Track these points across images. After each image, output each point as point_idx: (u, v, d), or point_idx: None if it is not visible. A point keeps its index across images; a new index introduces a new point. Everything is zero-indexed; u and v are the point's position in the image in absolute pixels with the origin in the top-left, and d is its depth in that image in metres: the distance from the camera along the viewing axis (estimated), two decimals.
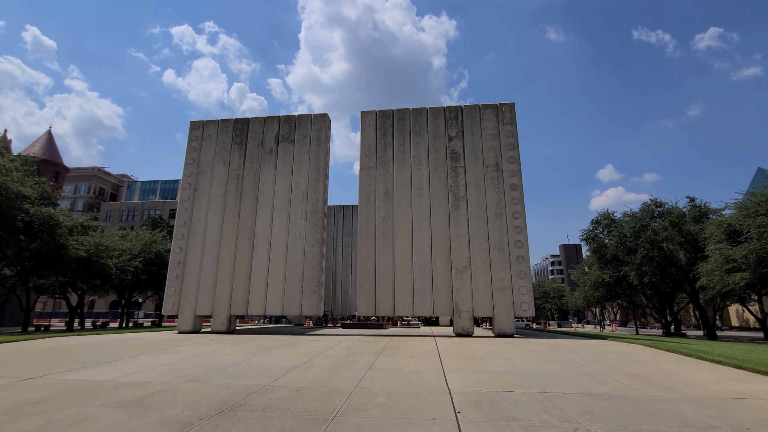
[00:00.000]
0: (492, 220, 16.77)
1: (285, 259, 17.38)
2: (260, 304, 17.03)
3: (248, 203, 18.29)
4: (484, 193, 17.14)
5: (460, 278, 16.22)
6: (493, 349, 11.20)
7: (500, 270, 16.15)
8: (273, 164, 18.69)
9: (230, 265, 17.54)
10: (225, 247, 17.79)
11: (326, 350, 10.77)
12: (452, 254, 16.57)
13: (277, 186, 18.37)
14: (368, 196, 17.68)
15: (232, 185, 18.62)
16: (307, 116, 19.16)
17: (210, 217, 18.27)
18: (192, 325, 17.07)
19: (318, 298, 16.85)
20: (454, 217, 16.97)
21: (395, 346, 11.98)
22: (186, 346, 11.52)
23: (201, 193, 18.69)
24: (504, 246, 16.41)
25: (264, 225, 17.91)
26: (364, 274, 16.78)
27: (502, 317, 15.68)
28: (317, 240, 17.44)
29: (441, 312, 16.11)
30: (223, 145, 19.27)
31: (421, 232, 16.99)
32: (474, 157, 17.61)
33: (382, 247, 16.97)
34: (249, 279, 17.34)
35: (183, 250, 17.97)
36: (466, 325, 15.74)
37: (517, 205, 16.81)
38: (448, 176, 17.52)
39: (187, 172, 19.07)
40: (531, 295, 15.77)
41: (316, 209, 17.84)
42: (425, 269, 16.54)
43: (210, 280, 17.46)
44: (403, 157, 18.00)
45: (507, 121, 17.86)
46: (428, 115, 18.43)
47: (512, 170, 17.21)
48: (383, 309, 16.36)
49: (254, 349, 11.02)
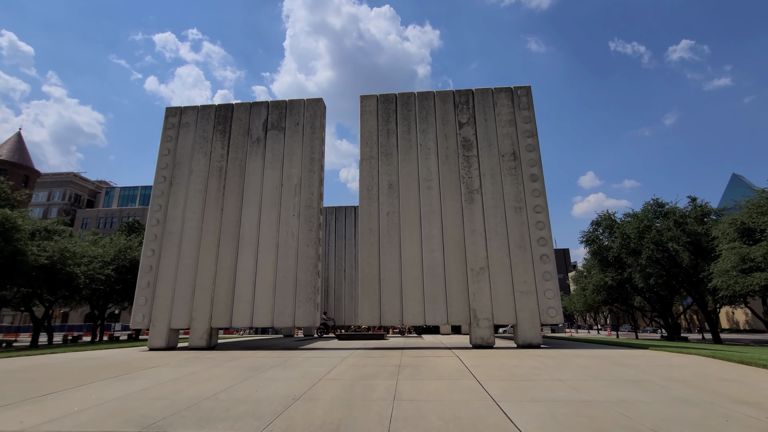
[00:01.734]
0: (511, 215, 14.84)
1: (275, 262, 15.11)
2: (246, 315, 14.68)
3: (232, 199, 16.00)
4: (500, 184, 15.23)
5: (477, 281, 14.20)
6: (533, 366, 9.18)
7: (522, 271, 14.20)
8: (261, 154, 16.47)
9: (211, 269, 15.17)
10: (205, 249, 15.43)
11: (329, 371, 8.59)
12: (467, 254, 14.55)
13: (265, 179, 16.13)
14: (370, 190, 15.59)
15: (213, 178, 16.31)
16: (299, 101, 17.04)
17: (188, 214, 15.90)
18: (166, 341, 14.60)
19: (314, 307, 14.60)
20: (468, 212, 14.99)
21: (412, 363, 9.86)
22: (153, 369, 9.18)
23: (178, 187, 16.32)
24: (525, 244, 14.48)
25: (251, 223, 15.63)
26: (367, 277, 14.61)
27: (526, 325, 13.69)
28: (312, 240, 15.23)
29: (456, 320, 14.04)
30: (204, 133, 16.98)
31: (431, 229, 14.95)
32: (488, 146, 15.73)
33: (386, 247, 14.86)
34: (233, 286, 15.00)
35: (156, 253, 15.53)
36: (486, 335, 13.69)
37: (538, 198, 14.94)
38: (460, 166, 15.57)
39: (161, 164, 16.69)
40: (558, 300, 13.84)
41: (311, 204, 15.65)
42: (437, 271, 14.47)
43: (187, 288, 15.05)
44: (409, 146, 16.00)
45: (523, 105, 16.06)
46: (435, 99, 16.52)
47: (531, 159, 15.37)
48: (390, 317, 14.20)
49: (239, 371, 8.76)
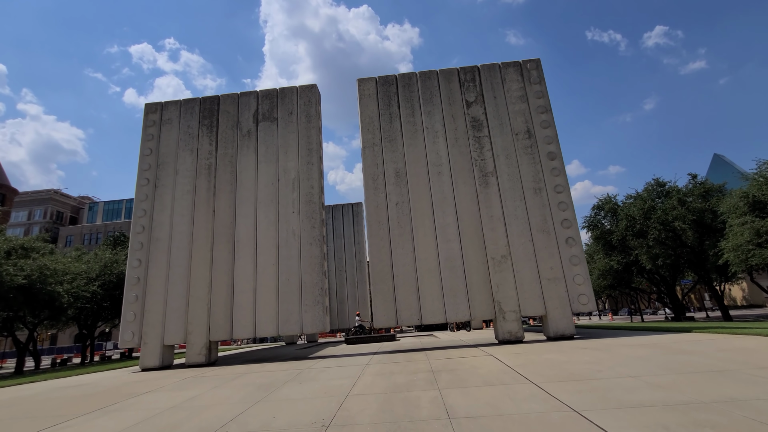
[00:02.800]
0: (530, 197, 13.69)
1: (276, 265, 13.72)
2: (248, 325, 13.27)
3: (224, 198, 14.56)
4: (516, 165, 14.07)
5: (500, 270, 13.01)
6: (587, 361, 8.00)
7: (548, 257, 13.05)
8: (253, 148, 15.05)
9: (206, 277, 13.72)
10: (198, 255, 13.97)
11: (353, 383, 7.29)
12: (486, 242, 13.36)
13: (260, 174, 14.72)
14: (375, 179, 14.29)
15: (202, 177, 14.85)
16: (291, 89, 15.66)
17: (176, 218, 14.42)
18: (160, 359, 13.12)
19: (322, 310, 13.25)
20: (483, 197, 13.80)
21: (444, 366, 8.61)
22: (146, 395, 7.77)
23: (163, 189, 14.82)
24: (548, 227, 13.34)
25: (246, 223, 14.21)
26: (378, 274, 13.32)
27: (557, 315, 12.54)
28: (316, 237, 13.88)
29: (480, 314, 12.83)
30: (189, 129, 15.49)
31: (445, 217, 13.71)
32: (500, 124, 14.55)
33: (398, 240, 13.58)
34: (231, 293, 13.58)
35: (143, 263, 14.02)
36: (514, 329, 12.51)
37: (558, 176, 13.82)
38: (471, 148, 14.37)
39: (143, 165, 15.16)
40: (589, 285, 12.72)
41: (311, 199, 14.29)
42: (455, 263, 13.25)
43: (180, 299, 13.58)
44: (414, 130, 14.75)
45: (534, 79, 14.93)
46: (439, 78, 15.29)
47: (547, 136, 14.24)
48: (407, 316, 12.94)
49: (248, 390, 7.41)
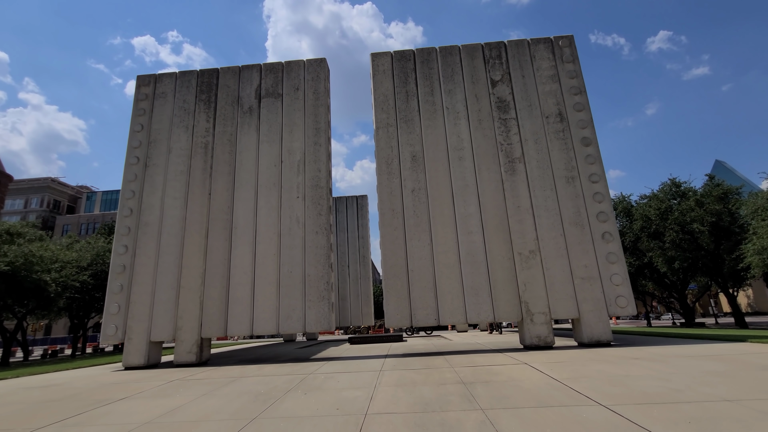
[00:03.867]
0: (562, 187, 12.30)
1: (277, 255, 12.34)
2: (245, 321, 11.89)
3: (222, 180, 13.16)
4: (546, 151, 12.67)
5: (528, 267, 11.63)
6: (651, 375, 6.61)
7: (581, 253, 11.66)
8: (255, 126, 13.64)
9: (199, 267, 12.34)
10: (191, 241, 12.59)
11: (370, 396, 5.90)
12: (513, 235, 11.97)
13: (261, 155, 13.32)
14: (389, 163, 12.89)
15: (198, 157, 13.45)
16: (297, 63, 14.24)
17: (168, 201, 13.03)
18: (145, 357, 11.74)
19: (328, 307, 11.87)
20: (509, 185, 12.40)
21: (476, 377, 7.21)
22: (121, 403, 6.37)
23: (154, 170, 13.42)
24: (582, 220, 11.95)
25: (245, 209, 12.82)
26: (391, 269, 11.93)
27: (591, 318, 11.16)
28: (322, 225, 12.49)
29: (505, 316, 11.45)
30: (184, 104, 14.08)
31: (466, 207, 12.32)
32: (528, 106, 13.14)
33: (414, 231, 12.19)
34: (227, 286, 12.20)
35: (130, 249, 12.64)
36: (543, 333, 11.13)
37: (593, 164, 12.42)
38: (497, 132, 12.96)
39: (133, 142, 13.76)
40: (628, 286, 11.34)
41: (318, 183, 12.89)
42: (477, 258, 11.86)
43: (170, 291, 12.20)
44: (433, 110, 13.34)
45: (567, 58, 13.51)
46: (461, 54, 13.87)
47: (581, 120, 12.84)
48: (423, 317, 11.55)
49: (242, 401, 6.02)
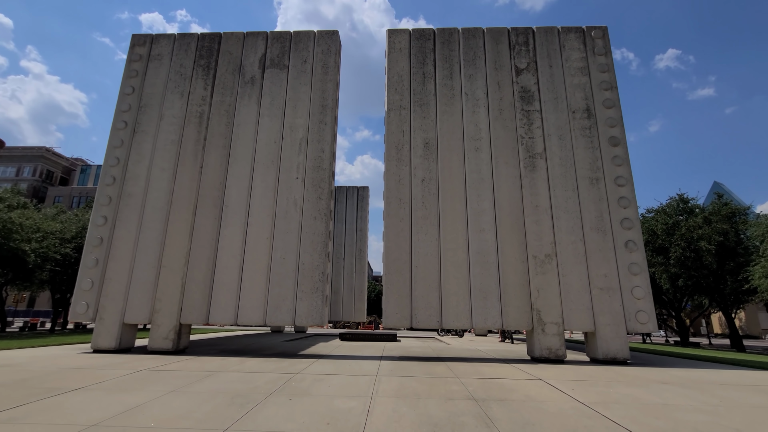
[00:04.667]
0: (585, 188, 11.32)
1: (271, 239, 11.28)
2: (229, 309, 10.84)
3: (216, 153, 12.07)
4: (570, 148, 11.67)
5: (542, 272, 10.65)
6: (695, 407, 5.64)
7: (601, 261, 10.70)
8: (256, 99, 12.54)
9: (183, 246, 11.27)
10: (177, 218, 11.51)
11: (366, 409, 4.85)
12: (528, 236, 10.98)
13: (261, 130, 12.23)
14: (399, 149, 11.85)
15: (191, 126, 12.34)
16: (307, 33, 13.13)
17: (155, 172, 11.92)
18: (116, 340, 10.68)
19: (321, 300, 10.85)
20: (528, 182, 11.40)
21: (487, 393, 6.21)
22: (71, 395, 5.30)
23: (143, 137, 12.30)
24: (605, 226, 10.98)
25: (239, 187, 11.74)
26: (393, 263, 10.92)
27: (608, 333, 10.21)
28: (322, 210, 11.44)
29: (514, 323, 10.48)
30: (181, 69, 12.95)
31: (480, 202, 11.31)
32: (554, 98, 12.13)
33: (421, 223, 11.18)
34: (213, 269, 11.14)
35: (109, 221, 11.54)
36: (555, 345, 10.17)
37: (620, 167, 11.44)
38: (518, 123, 11.95)
39: (122, 105, 12.61)
40: (650, 300, 10.39)
41: (320, 165, 11.83)
42: (488, 258, 10.87)
43: (150, 270, 11.13)
44: (451, 95, 12.29)
45: (599, 50, 12.50)
46: (485, 38, 12.82)
47: (610, 118, 11.85)
48: (425, 317, 10.56)
49: (216, 403, 4.97)
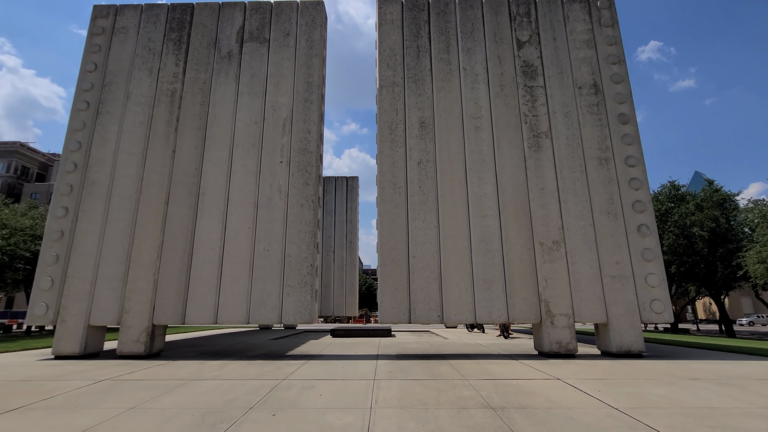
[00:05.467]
0: (594, 169, 10.50)
1: (253, 229, 10.23)
2: (208, 307, 9.79)
3: (190, 136, 10.90)
4: (578, 126, 10.83)
5: (550, 260, 9.84)
6: (742, 407, 4.84)
7: (613, 247, 9.93)
8: (233, 75, 11.37)
9: (155, 238, 10.14)
10: (147, 207, 10.35)
11: (365, 422, 3.90)
12: (534, 221, 10.15)
13: (239, 109, 11.09)
14: (393, 129, 10.85)
15: (162, 106, 11.12)
16: (290, 3, 11.95)
17: (122, 157, 10.71)
18: (81, 344, 9.55)
19: (310, 295, 9.87)
20: (533, 163, 10.54)
21: (503, 398, 5.34)
22: (7, 417, 4.23)
23: (107, 118, 11.05)
24: (615, 209, 10.21)
25: (217, 172, 10.62)
26: (388, 253, 9.98)
27: (622, 324, 9.47)
28: (309, 197, 10.41)
29: (520, 316, 9.67)
30: (149, 43, 11.68)
31: (481, 185, 10.42)
32: (559, 73, 11.25)
33: (418, 209, 10.24)
34: (188, 263, 10.05)
35: (71, 212, 10.33)
36: (565, 338, 9.40)
37: (630, 146, 10.65)
38: (521, 100, 11.05)
39: (83, 84, 11.32)
40: (665, 288, 9.67)
41: (307, 147, 10.77)
42: (492, 246, 10.00)
43: (117, 265, 9.98)
44: (448, 70, 11.31)
45: (605, 21, 11.63)
46: (484, 8, 11.82)
47: (619, 93, 11.02)
48: (424, 312, 9.67)
49: (181, 424, 3.97)
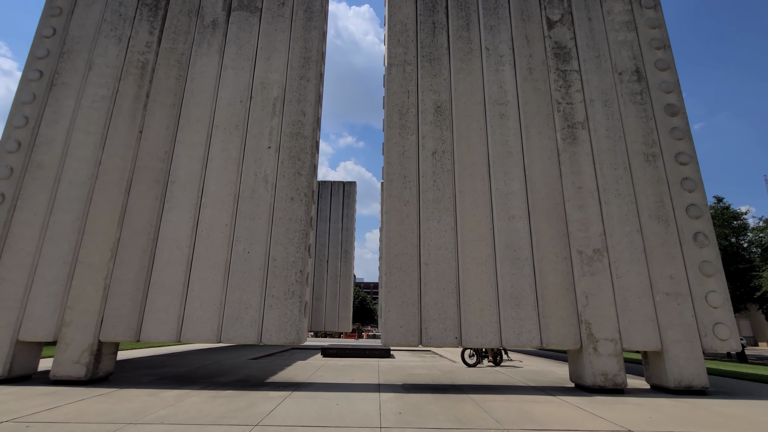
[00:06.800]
0: (639, 166, 8.92)
1: (231, 226, 8.42)
2: (170, 320, 7.87)
3: (162, 114, 9.14)
4: (619, 117, 9.29)
5: (591, 273, 8.14)
6: None
7: (665, 259, 8.27)
8: (218, 47, 9.70)
9: (110, 234, 8.27)
10: (103, 196, 8.50)
11: None
12: (570, 225, 8.48)
13: (223, 85, 9.39)
14: (404, 114, 9.21)
15: (130, 79, 9.38)
16: None
17: (77, 136, 8.90)
18: (6, 365, 7.52)
19: (298, 308, 8.01)
20: (568, 157, 8.93)
21: None
22: None
23: (63, 90, 9.26)
24: (666, 214, 8.59)
25: (191, 157, 8.84)
26: (396, 260, 8.21)
27: (680, 352, 7.74)
28: (301, 189, 8.65)
29: (556, 340, 7.90)
30: (120, 8, 10.00)
31: (507, 181, 8.76)
32: (596, 57, 9.76)
33: (432, 208, 8.53)
34: (149, 265, 8.17)
35: (7, 200, 8.42)
36: (612, 369, 7.63)
37: (681, 141, 9.11)
38: (552, 86, 9.51)
39: (38, 50, 9.55)
40: (730, 309, 7.99)
41: (301, 131, 9.06)
42: (520, 253, 8.29)
43: (60, 266, 8.07)
44: (468, 50, 9.77)
45: (646, 2, 10.22)
46: None
47: (665, 82, 9.54)
48: (438, 332, 7.85)
49: None
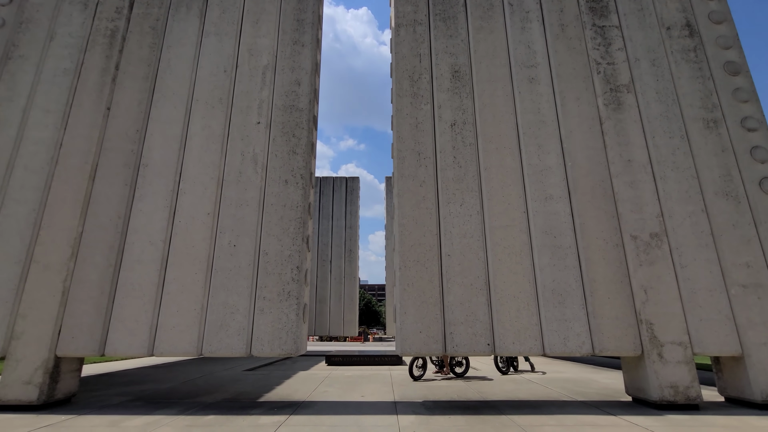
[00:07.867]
0: (698, 133, 7.49)
1: (214, 215, 7.09)
2: (140, 331, 6.54)
3: (133, 88, 7.84)
4: (670, 78, 7.86)
5: (649, 262, 6.71)
6: None
7: (739, 243, 6.83)
8: (197, 10, 8.40)
9: (71, 227, 6.96)
10: (63, 184, 7.20)
11: None
12: (619, 205, 7.07)
13: (203, 53, 8.08)
14: (415, 80, 7.85)
15: (97, 50, 8.10)
16: None
17: (35, 115, 7.62)
18: None
19: (295, 311, 6.66)
20: (612, 126, 7.52)
21: None
22: None
23: (20, 63, 8.00)
24: (736, 189, 7.15)
25: (166, 136, 7.52)
26: (411, 251, 6.84)
27: (764, 356, 6.28)
28: (297, 171, 7.31)
29: (611, 345, 6.48)
30: None
31: (542, 156, 7.36)
32: (638, 10, 8.34)
33: (452, 189, 7.15)
34: (117, 264, 6.85)
35: None
36: (683, 380, 6.19)
37: (746, 103, 7.66)
38: (589, 45, 8.11)
39: None
40: None
41: (296, 104, 7.73)
42: (561, 240, 6.88)
43: (10, 267, 6.75)
44: (489, 5, 8.39)
45: None
46: None
47: (722, 36, 8.11)
48: (465, 339, 6.46)
49: None
